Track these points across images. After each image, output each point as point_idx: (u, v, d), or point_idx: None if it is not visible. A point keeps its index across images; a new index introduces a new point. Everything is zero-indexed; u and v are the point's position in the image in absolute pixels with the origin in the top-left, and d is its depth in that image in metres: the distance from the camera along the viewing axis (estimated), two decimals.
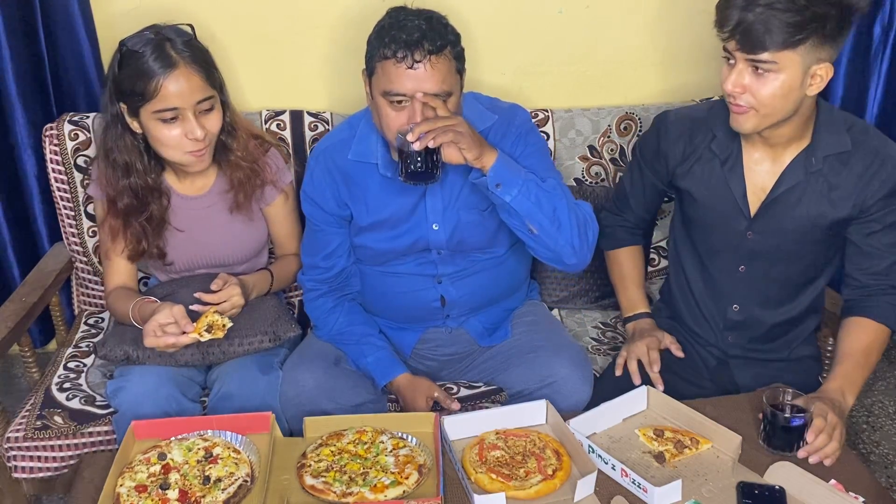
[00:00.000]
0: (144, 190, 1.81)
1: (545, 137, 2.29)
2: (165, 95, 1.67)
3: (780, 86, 1.54)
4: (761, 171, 1.71)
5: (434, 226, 1.80)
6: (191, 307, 1.78)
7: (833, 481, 1.44)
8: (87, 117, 2.15)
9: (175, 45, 1.69)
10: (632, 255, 1.99)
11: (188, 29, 1.75)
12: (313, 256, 1.90)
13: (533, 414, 1.62)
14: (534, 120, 2.28)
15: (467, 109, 1.75)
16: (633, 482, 1.45)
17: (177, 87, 1.67)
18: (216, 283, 1.79)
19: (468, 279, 1.88)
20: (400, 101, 1.60)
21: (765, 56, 1.51)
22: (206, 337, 1.71)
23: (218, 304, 1.77)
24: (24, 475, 1.84)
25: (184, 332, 1.69)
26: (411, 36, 1.55)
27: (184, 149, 1.73)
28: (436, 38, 1.57)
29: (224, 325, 1.73)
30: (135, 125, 1.75)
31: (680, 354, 1.82)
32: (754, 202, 1.72)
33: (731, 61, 1.57)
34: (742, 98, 1.57)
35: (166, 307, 1.70)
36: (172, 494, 1.42)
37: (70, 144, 2.14)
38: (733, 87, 1.57)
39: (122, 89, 1.70)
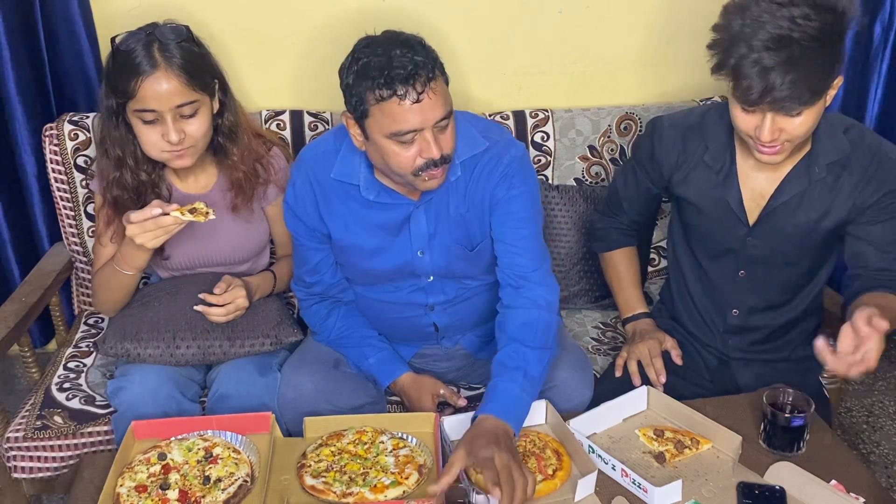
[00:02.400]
0: (137, 184, 1.81)
1: (545, 137, 2.29)
2: (143, 97, 1.66)
3: (815, 117, 1.52)
4: (760, 179, 1.69)
5: (419, 252, 1.74)
6: (194, 307, 1.78)
7: (833, 481, 1.44)
8: (87, 117, 2.15)
9: (164, 48, 1.67)
10: (626, 257, 1.98)
11: (184, 30, 1.74)
12: (299, 268, 1.86)
13: (533, 414, 1.62)
14: (534, 120, 2.29)
15: (459, 132, 1.64)
16: (633, 482, 1.45)
17: (155, 89, 1.66)
18: (220, 287, 1.79)
19: (460, 305, 1.84)
20: (411, 139, 1.52)
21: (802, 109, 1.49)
22: (188, 217, 1.62)
23: (222, 305, 1.77)
24: (24, 475, 1.84)
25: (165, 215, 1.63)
26: (406, 69, 1.45)
27: (160, 148, 1.73)
28: (427, 63, 1.48)
29: (207, 213, 1.65)
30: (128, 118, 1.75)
31: (679, 362, 1.82)
32: (753, 209, 1.71)
33: (751, 108, 1.51)
34: (781, 138, 1.53)
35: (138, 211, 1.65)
36: (172, 494, 1.42)
37: (70, 144, 2.14)
38: (771, 136, 1.51)
39: (111, 84, 1.71)
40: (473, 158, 1.69)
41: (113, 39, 1.71)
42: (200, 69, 1.72)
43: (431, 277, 1.78)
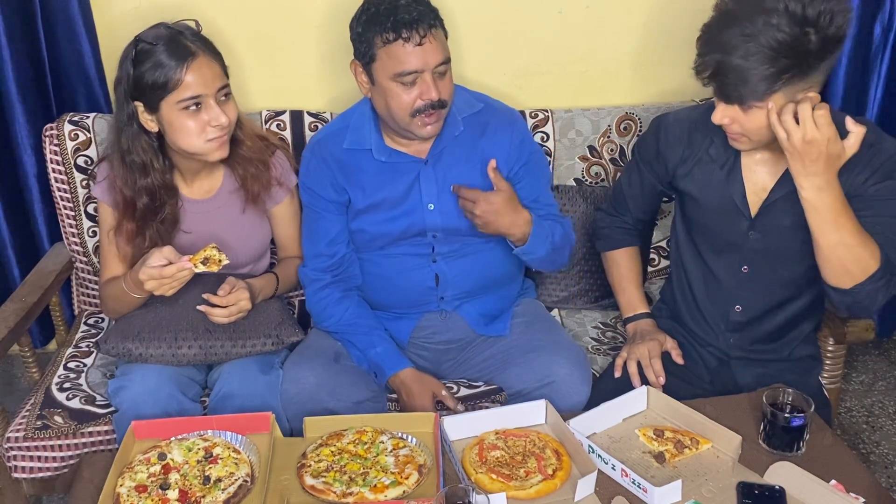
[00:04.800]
0: (161, 189, 1.82)
1: (545, 138, 2.29)
2: (188, 84, 1.69)
3: (766, 118, 1.53)
4: (762, 172, 1.71)
5: (430, 206, 1.86)
6: (197, 307, 1.78)
7: (833, 481, 1.44)
8: (87, 117, 2.15)
9: (188, 37, 1.72)
10: (629, 256, 1.99)
11: (193, 24, 1.77)
12: (316, 245, 1.92)
13: (532, 414, 1.63)
14: (534, 120, 2.29)
15: (455, 93, 1.83)
16: (633, 482, 1.45)
17: (198, 75, 1.69)
18: (223, 289, 1.79)
19: (462, 259, 1.92)
20: (413, 80, 1.68)
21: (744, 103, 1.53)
22: (201, 269, 1.70)
23: (225, 306, 1.77)
24: (24, 475, 1.84)
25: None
26: (410, 15, 1.64)
27: (207, 136, 1.74)
28: (429, 12, 1.69)
29: (220, 261, 1.71)
30: (150, 124, 1.75)
31: (680, 361, 1.82)
32: (755, 202, 1.72)
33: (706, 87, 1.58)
34: (732, 127, 1.59)
35: (155, 251, 1.71)
36: (172, 494, 1.42)
37: (70, 144, 2.14)
38: (721, 120, 1.59)
39: (142, 84, 1.70)
40: (474, 116, 1.87)
41: (136, 41, 1.71)
42: (221, 57, 1.78)
43: (438, 234, 1.88)
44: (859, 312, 1.69)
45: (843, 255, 1.56)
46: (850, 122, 1.52)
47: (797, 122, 1.49)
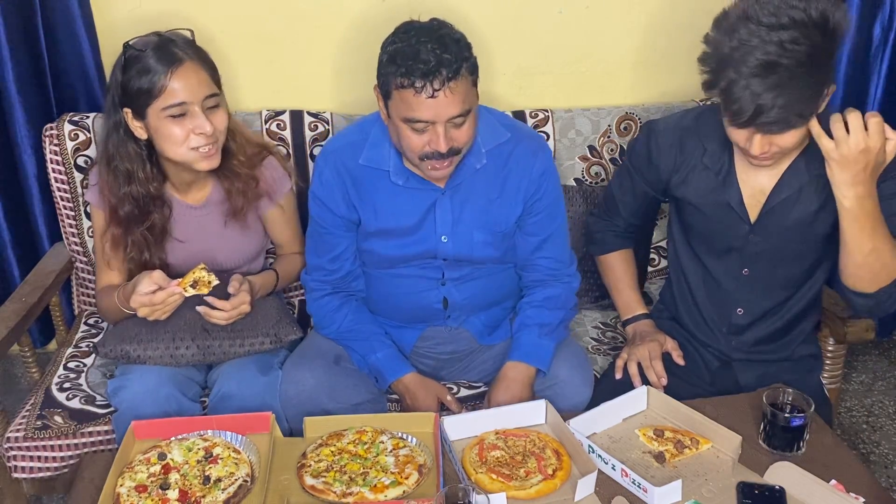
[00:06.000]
0: (146, 198, 1.81)
1: (545, 138, 2.29)
2: (174, 90, 1.67)
3: (805, 131, 1.52)
4: (759, 176, 1.69)
5: (443, 238, 1.79)
6: (197, 307, 1.77)
7: (833, 481, 1.44)
8: (87, 117, 2.15)
9: (178, 45, 1.70)
10: (623, 259, 1.98)
11: (188, 34, 1.76)
12: (320, 258, 1.88)
13: (532, 414, 1.62)
14: (534, 120, 2.29)
15: (482, 123, 1.73)
16: (633, 482, 1.45)
17: (184, 81, 1.68)
18: (233, 286, 1.79)
19: (472, 282, 1.87)
20: (423, 128, 1.58)
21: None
22: (191, 292, 1.70)
23: (226, 309, 1.77)
24: (24, 475, 1.84)
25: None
26: (427, 65, 1.51)
27: (190, 145, 1.72)
28: (451, 62, 1.52)
29: (209, 283, 1.72)
30: (139, 131, 1.74)
31: (681, 362, 1.82)
32: (753, 206, 1.71)
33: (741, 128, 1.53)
34: (770, 150, 1.54)
35: (144, 276, 1.71)
36: (172, 494, 1.42)
37: (70, 144, 2.14)
38: (761, 150, 1.52)
39: (129, 90, 1.69)
40: (499, 148, 1.77)
41: (125, 47, 1.70)
42: (213, 66, 1.76)
43: (448, 259, 1.83)
44: (880, 314, 1.68)
45: (875, 261, 1.56)
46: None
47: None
